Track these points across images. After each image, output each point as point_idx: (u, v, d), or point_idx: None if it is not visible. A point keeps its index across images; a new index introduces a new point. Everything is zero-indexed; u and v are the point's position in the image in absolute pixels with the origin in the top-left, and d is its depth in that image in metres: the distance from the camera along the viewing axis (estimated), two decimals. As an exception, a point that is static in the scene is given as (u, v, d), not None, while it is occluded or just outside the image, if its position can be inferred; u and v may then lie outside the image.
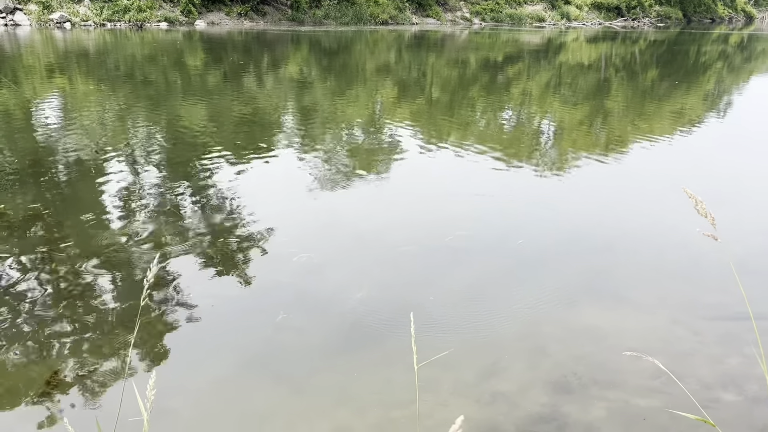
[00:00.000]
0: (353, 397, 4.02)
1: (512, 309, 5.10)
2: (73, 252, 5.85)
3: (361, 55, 27.27)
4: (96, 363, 4.22)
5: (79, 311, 4.85)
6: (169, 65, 21.02)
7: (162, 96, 15.11)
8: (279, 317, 4.87)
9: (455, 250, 6.23)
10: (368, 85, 18.65)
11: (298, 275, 5.62)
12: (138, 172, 8.52)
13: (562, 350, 4.54)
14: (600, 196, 8.30)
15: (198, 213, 7.04)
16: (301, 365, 4.33)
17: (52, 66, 19.43)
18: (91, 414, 3.74)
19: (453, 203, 7.71)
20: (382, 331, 4.75)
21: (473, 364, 4.33)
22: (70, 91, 15.27)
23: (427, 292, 5.37)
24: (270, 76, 19.57)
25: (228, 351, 4.45)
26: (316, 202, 7.56)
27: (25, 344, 4.39)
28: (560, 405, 3.95)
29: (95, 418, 3.66)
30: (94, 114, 12.55)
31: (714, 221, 1.98)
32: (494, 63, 25.13)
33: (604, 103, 16.24)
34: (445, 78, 20.76)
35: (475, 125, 13.15)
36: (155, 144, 10.28)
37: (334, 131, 11.92)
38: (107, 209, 7.03)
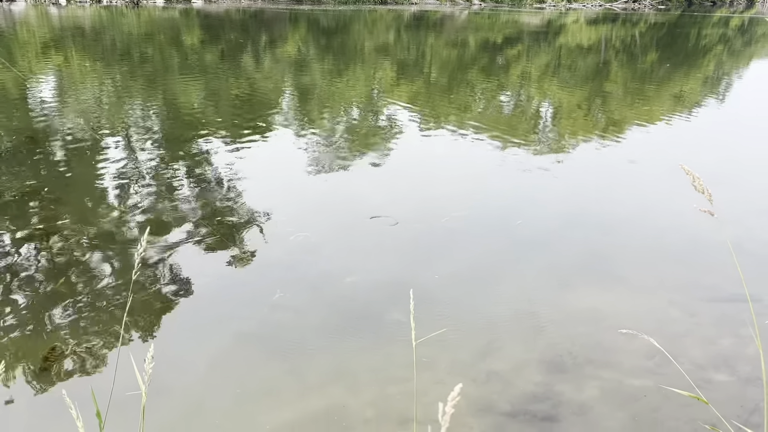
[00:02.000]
0: (349, 375, 4.04)
1: (508, 289, 5.12)
2: (69, 229, 5.84)
3: (360, 34, 27.05)
4: (93, 339, 4.23)
5: (75, 288, 4.85)
6: (166, 43, 20.84)
7: (159, 74, 14.99)
8: (276, 296, 4.88)
9: (452, 230, 6.23)
10: (367, 65, 18.53)
11: (295, 254, 5.62)
12: (134, 151, 8.48)
13: (558, 330, 4.57)
14: (598, 178, 8.30)
15: (195, 191, 7.02)
16: (296, 343, 4.35)
17: (47, 43, 19.25)
18: (88, 388, 3.76)
19: (450, 184, 7.70)
20: (378, 310, 4.77)
21: (469, 344, 4.35)
22: (66, 69, 15.15)
23: (424, 272, 5.38)
24: (268, 55, 19.42)
25: (224, 328, 4.46)
26: (313, 182, 7.55)
27: (23, 321, 4.39)
28: (554, 384, 3.98)
29: (92, 391, 3.68)
30: (91, 92, 12.46)
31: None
32: (493, 44, 24.96)
33: (603, 86, 16.18)
34: (444, 59, 20.64)
35: (473, 107, 13.10)
36: (152, 122, 10.22)
37: (332, 111, 11.86)
38: (103, 187, 7.01)
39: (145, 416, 1.97)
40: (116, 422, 3.41)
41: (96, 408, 1.87)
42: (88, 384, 3.83)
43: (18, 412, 3.59)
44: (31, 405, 3.65)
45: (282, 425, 3.60)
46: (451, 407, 1.30)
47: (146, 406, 1.97)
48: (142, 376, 1.93)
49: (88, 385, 3.82)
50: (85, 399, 3.62)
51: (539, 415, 3.71)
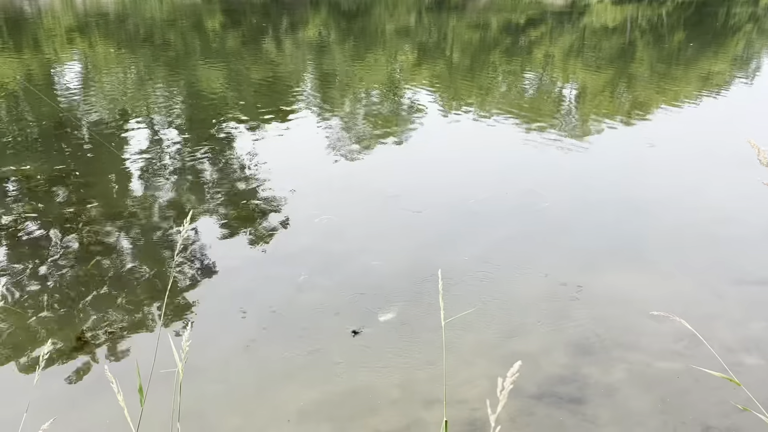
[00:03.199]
0: (374, 357, 4.06)
1: (535, 271, 5.09)
2: (98, 213, 5.92)
3: (381, 17, 26.88)
4: (122, 318, 4.31)
5: (105, 269, 4.93)
6: (188, 28, 20.91)
7: (181, 59, 15.07)
8: (300, 278, 4.91)
9: (477, 213, 6.20)
10: (388, 48, 18.42)
11: (319, 236, 5.65)
12: (159, 135, 8.56)
13: (584, 312, 4.54)
14: (624, 160, 8.18)
15: (219, 174, 7.07)
16: (321, 325, 4.38)
17: (72, 30, 19.43)
18: (119, 365, 3.83)
19: (474, 167, 7.65)
20: (403, 291, 4.77)
21: (495, 325, 4.35)
22: (90, 55, 15.29)
23: (449, 254, 5.38)
24: (289, 40, 19.39)
25: (250, 310, 4.51)
26: (336, 165, 7.55)
27: (57, 301, 4.48)
28: (581, 366, 3.97)
29: (137, 366, 3.75)
30: (115, 77, 12.58)
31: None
32: (516, 26, 24.64)
33: (628, 67, 15.90)
34: (466, 41, 20.43)
35: (496, 89, 12.97)
36: (175, 107, 10.29)
37: (353, 95, 11.83)
38: (130, 171, 7.09)
39: (180, 393, 2.00)
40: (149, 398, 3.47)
41: (138, 382, 1.91)
42: (120, 361, 3.90)
43: (52, 389, 3.67)
44: (64, 382, 3.73)
45: (307, 405, 3.64)
46: (510, 383, 1.30)
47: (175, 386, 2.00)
48: (179, 353, 1.96)
49: (121, 362, 3.89)
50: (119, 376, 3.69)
51: (566, 397, 3.70)
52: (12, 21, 20.54)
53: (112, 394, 1.76)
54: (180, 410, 2.21)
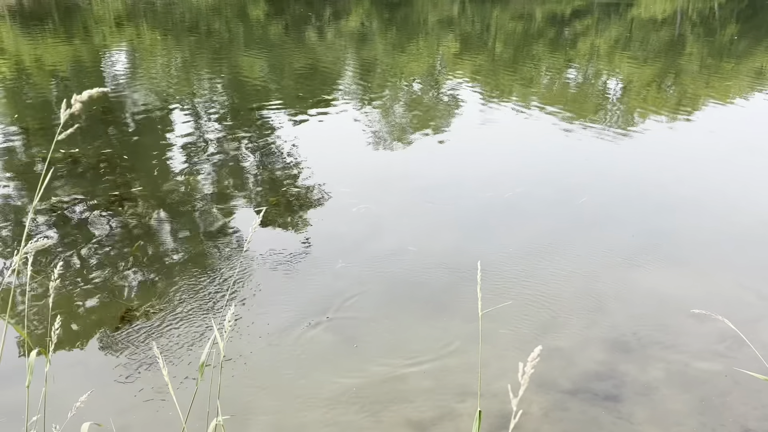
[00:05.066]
0: (408, 345, 4.08)
1: (572, 266, 5.03)
2: (142, 196, 6.07)
3: (424, 7, 26.71)
4: (166, 300, 4.42)
5: (148, 251, 5.06)
6: (232, 16, 21.16)
7: (225, 47, 15.27)
8: (338, 265, 4.96)
9: (515, 206, 6.16)
10: (430, 38, 18.32)
11: (357, 225, 5.69)
12: (202, 121, 8.71)
13: (622, 310, 4.47)
14: (667, 156, 7.99)
15: (259, 161, 7.17)
16: (357, 312, 4.42)
17: (120, 17, 19.86)
18: (164, 345, 3.94)
19: (513, 159, 7.58)
20: (439, 281, 4.78)
21: (530, 319, 4.32)
22: (137, 42, 15.61)
23: (485, 246, 5.35)
24: (331, 29, 19.45)
25: (288, 297, 4.57)
26: (375, 154, 7.58)
27: (101, 282, 4.63)
28: (618, 364, 3.91)
29: (170, 348, 3.86)
30: (160, 64, 12.83)
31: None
32: (561, 17, 24.20)
33: (677, 61, 15.47)
34: (509, 32, 20.17)
35: (538, 82, 12.79)
36: (218, 95, 10.45)
37: (394, 85, 11.81)
38: (173, 156, 7.24)
39: (221, 374, 2.06)
40: (189, 377, 3.57)
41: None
42: (161, 340, 4.00)
43: (94, 367, 3.80)
44: (107, 358, 3.85)
45: (342, 391, 3.68)
46: (531, 367, 1.31)
47: (214, 366, 2.06)
48: (221, 334, 2.00)
49: (161, 341, 3.99)
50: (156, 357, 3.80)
51: (601, 394, 3.66)
52: (63, 7, 21.10)
53: (150, 370, 1.81)
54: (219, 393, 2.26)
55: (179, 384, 3.52)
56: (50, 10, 20.33)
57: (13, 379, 3.55)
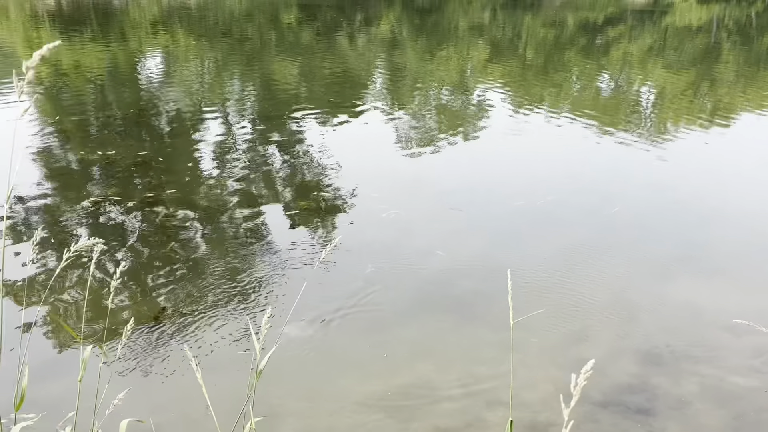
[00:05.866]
0: (436, 352, 4.08)
1: (604, 276, 4.98)
2: (176, 198, 6.17)
3: (454, 14, 26.71)
4: (199, 300, 4.48)
5: (182, 252, 5.14)
6: (265, 22, 21.42)
7: (257, 52, 15.45)
8: (368, 269, 4.97)
9: (546, 214, 6.11)
10: (460, 45, 18.30)
11: (387, 230, 5.70)
12: (234, 125, 8.82)
13: (655, 321, 4.41)
14: (701, 166, 7.86)
15: (290, 166, 7.24)
16: (386, 317, 4.43)
17: (156, 22, 20.24)
18: (196, 345, 3.99)
19: (544, 167, 7.53)
20: (468, 289, 4.76)
21: (561, 329, 4.28)
22: (172, 46, 15.89)
23: (516, 253, 5.33)
24: (362, 35, 19.56)
25: (318, 299, 4.60)
26: (404, 160, 7.59)
27: (136, 282, 4.71)
28: (650, 376, 3.86)
29: (202, 348, 3.91)
30: (194, 68, 13.03)
31: None
32: (594, 24, 23.98)
33: (712, 69, 15.21)
34: (541, 39, 20.05)
35: (570, 89, 12.69)
36: (250, 99, 10.58)
37: (424, 91, 11.83)
38: (207, 159, 7.35)
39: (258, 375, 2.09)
40: (222, 377, 3.61)
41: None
42: (194, 340, 4.06)
43: (129, 365, 3.86)
44: (141, 356, 3.92)
45: (369, 396, 3.69)
46: (584, 379, 1.30)
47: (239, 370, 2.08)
48: (257, 337, 2.03)
49: (194, 341, 4.05)
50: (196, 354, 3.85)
51: (633, 407, 3.61)
52: (102, 12, 21.58)
53: (184, 370, 1.85)
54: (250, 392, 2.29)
55: (211, 384, 3.56)
56: (89, 15, 20.81)
57: (54, 373, 3.64)
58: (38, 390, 3.39)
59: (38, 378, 3.40)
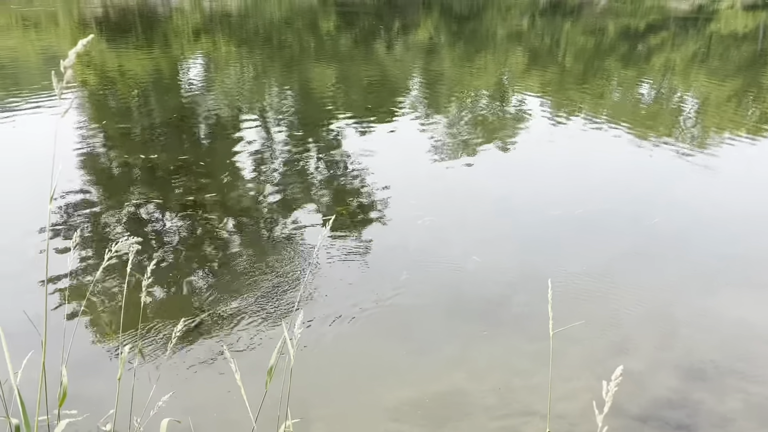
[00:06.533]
0: (471, 360, 4.04)
1: (644, 287, 4.87)
2: (215, 202, 6.27)
3: (493, 21, 26.60)
4: (239, 304, 4.53)
5: (220, 256, 5.22)
6: (304, 29, 21.66)
7: (296, 59, 15.63)
8: (402, 276, 4.97)
9: (585, 223, 6.02)
10: (498, 52, 18.21)
11: (422, 237, 5.69)
12: (273, 131, 8.93)
13: (697, 335, 4.29)
14: (746, 177, 7.64)
15: (326, 171, 7.29)
16: (421, 325, 4.41)
17: (198, 28, 20.66)
18: (235, 347, 4.04)
19: (583, 176, 7.42)
20: (505, 298, 4.72)
21: (600, 340, 4.20)
22: (213, 53, 16.19)
23: (554, 263, 5.25)
24: (399, 42, 19.62)
25: (352, 305, 4.61)
26: (440, 167, 7.57)
27: (174, 283, 4.79)
28: (692, 392, 3.75)
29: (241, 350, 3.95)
30: (234, 74, 13.24)
31: None
32: (635, 31, 23.59)
33: (759, 77, 14.81)
34: (580, 46, 19.82)
35: (609, 97, 12.50)
36: (288, 105, 10.70)
37: (460, 98, 11.79)
38: (246, 164, 7.45)
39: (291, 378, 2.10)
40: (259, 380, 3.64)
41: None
42: (233, 343, 4.11)
43: (168, 365, 3.93)
44: (180, 360, 3.98)
45: (402, 403, 3.67)
46: (614, 385, 1.28)
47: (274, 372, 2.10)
48: (291, 342, 2.04)
49: (233, 344, 4.10)
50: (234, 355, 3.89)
51: (673, 423, 3.52)
52: (146, 20, 22.12)
53: (221, 371, 1.87)
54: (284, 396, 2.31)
55: (249, 386, 3.60)
56: (134, 22, 21.36)
57: (93, 371, 3.72)
58: (79, 387, 3.47)
59: (78, 376, 3.49)
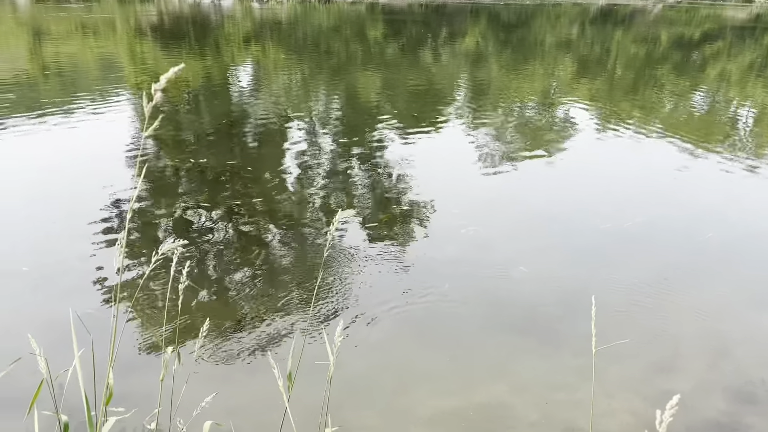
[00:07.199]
0: (512, 374, 4.00)
1: (694, 304, 4.73)
2: (261, 207, 6.38)
3: (541, 29, 26.33)
4: (280, 308, 4.60)
5: (265, 260, 5.30)
6: (351, 36, 21.86)
7: (343, 66, 15.79)
8: (445, 286, 4.95)
9: (634, 236, 5.89)
10: (546, 60, 18.01)
11: (465, 247, 5.66)
12: (319, 137, 9.04)
13: (749, 355, 4.15)
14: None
15: (370, 179, 7.33)
16: (462, 335, 4.38)
17: (248, 36, 21.08)
18: (277, 352, 4.10)
19: (632, 188, 7.27)
20: (549, 311, 4.65)
21: (645, 358, 4.10)
22: (262, 59, 16.49)
23: (600, 276, 5.16)
24: (446, 49, 19.61)
25: (394, 313, 4.62)
26: (486, 176, 7.52)
27: (221, 287, 4.89)
28: (742, 415, 3.63)
29: (282, 355, 4.01)
30: (282, 81, 13.46)
31: None
32: (689, 41, 23.01)
33: (821, 89, 14.24)
34: (631, 56, 19.43)
35: (661, 108, 12.21)
36: (335, 111, 10.81)
37: (506, 106, 11.70)
38: (292, 169, 7.56)
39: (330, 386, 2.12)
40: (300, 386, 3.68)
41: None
42: (274, 347, 4.17)
43: (210, 367, 4.01)
44: (222, 362, 4.06)
45: (442, 413, 3.65)
46: (669, 415, 1.26)
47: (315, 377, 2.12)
48: (331, 348, 2.06)
49: (274, 348, 4.16)
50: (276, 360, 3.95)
51: (722, 446, 3.40)
52: (199, 27, 22.69)
53: (265, 375, 1.90)
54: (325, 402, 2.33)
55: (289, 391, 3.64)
56: (187, 29, 21.93)
57: (137, 372, 3.82)
58: (127, 386, 3.58)
59: (123, 375, 3.59)
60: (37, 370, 1.92)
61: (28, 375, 3.09)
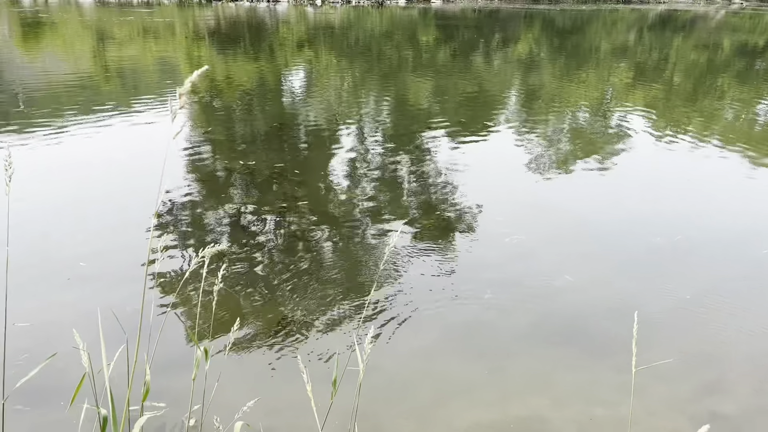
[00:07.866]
0: (552, 387, 3.93)
1: (747, 324, 4.55)
2: (307, 209, 6.46)
3: (597, 35, 25.81)
4: (322, 312, 4.64)
5: (309, 263, 5.36)
6: (403, 41, 21.92)
7: (394, 70, 15.84)
8: (486, 295, 4.91)
9: (685, 250, 5.71)
10: (601, 67, 17.64)
11: (509, 256, 5.59)
12: (367, 141, 9.09)
13: (805, 381, 3.96)
14: None
15: (417, 183, 7.33)
16: (502, 345, 4.34)
17: (302, 39, 21.39)
18: (314, 356, 4.14)
19: (684, 199, 7.04)
20: (592, 324, 4.55)
21: (692, 378, 3.97)
22: (314, 63, 16.71)
23: (649, 291, 5.02)
24: (498, 55, 19.44)
25: (433, 321, 4.60)
26: (534, 184, 7.42)
27: (262, 288, 4.98)
28: (794, 441, 3.47)
29: (319, 360, 4.06)
30: (333, 85, 13.60)
31: None
32: (753, 48, 22.16)
33: None
34: (691, 63, 18.84)
35: (720, 117, 11.79)
36: (384, 116, 10.85)
37: (558, 113, 11.52)
38: (339, 172, 7.63)
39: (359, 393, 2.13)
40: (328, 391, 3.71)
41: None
42: (313, 352, 4.21)
43: (247, 367, 4.07)
44: (259, 362, 4.12)
45: (478, 425, 3.62)
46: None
47: (349, 383, 2.13)
48: (361, 355, 2.07)
49: (312, 352, 4.20)
50: (312, 365, 3.99)
51: (771, 473, 3.26)
52: (254, 30, 23.16)
53: (296, 378, 1.92)
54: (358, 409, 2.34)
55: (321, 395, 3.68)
56: (243, 33, 22.41)
57: (173, 370, 3.92)
58: (165, 383, 3.67)
59: (160, 373, 3.69)
60: (72, 363, 1.99)
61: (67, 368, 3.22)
